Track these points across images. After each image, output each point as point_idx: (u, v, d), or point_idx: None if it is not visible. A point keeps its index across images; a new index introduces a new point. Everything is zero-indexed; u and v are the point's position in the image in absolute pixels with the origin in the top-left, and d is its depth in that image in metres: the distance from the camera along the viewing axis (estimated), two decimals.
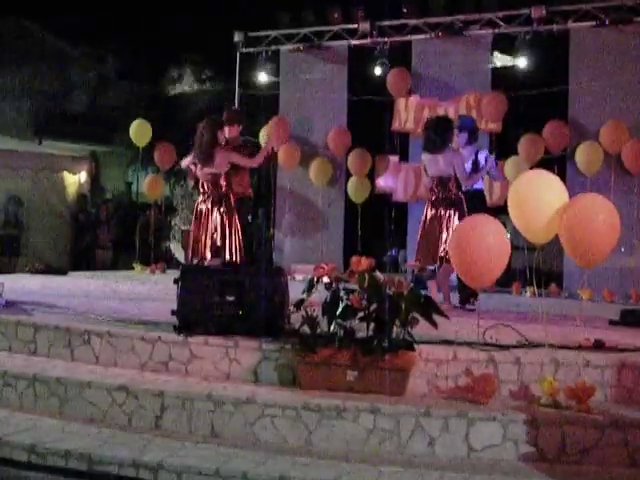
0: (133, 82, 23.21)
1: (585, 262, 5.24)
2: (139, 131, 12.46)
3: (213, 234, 7.59)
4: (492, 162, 7.96)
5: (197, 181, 7.89)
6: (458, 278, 6.71)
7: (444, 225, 7.33)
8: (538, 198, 5.21)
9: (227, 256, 7.56)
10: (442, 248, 7.25)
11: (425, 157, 7.55)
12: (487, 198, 10.50)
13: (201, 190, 7.76)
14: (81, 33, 21.82)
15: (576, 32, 10.60)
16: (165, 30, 20.90)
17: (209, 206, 7.64)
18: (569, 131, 10.40)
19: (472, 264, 5.46)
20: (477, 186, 7.92)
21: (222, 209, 7.60)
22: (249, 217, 9.02)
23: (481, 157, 7.97)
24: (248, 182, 8.54)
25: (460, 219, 7.18)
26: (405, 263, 11.85)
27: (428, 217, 7.50)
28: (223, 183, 7.65)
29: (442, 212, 7.37)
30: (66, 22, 21.38)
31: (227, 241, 7.57)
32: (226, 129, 7.96)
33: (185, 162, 7.96)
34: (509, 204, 5.38)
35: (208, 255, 7.60)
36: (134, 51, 21.58)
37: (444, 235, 7.28)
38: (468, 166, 7.73)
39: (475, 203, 7.56)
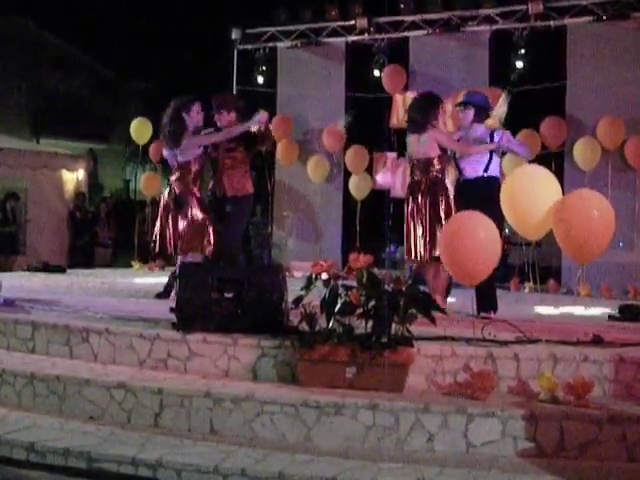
0: (131, 80, 23.21)
1: (580, 258, 5.22)
2: (140, 129, 12.46)
3: (184, 230, 6.86)
4: (506, 137, 6.99)
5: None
6: (477, 287, 5.87)
7: (425, 215, 6.65)
8: (530, 193, 5.19)
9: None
10: (424, 242, 6.61)
11: (408, 140, 6.99)
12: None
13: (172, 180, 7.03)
14: (79, 32, 21.85)
15: (573, 28, 10.62)
16: (163, 27, 20.91)
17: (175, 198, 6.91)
18: (566, 127, 10.41)
19: (462, 262, 5.36)
20: (493, 173, 6.90)
21: (193, 205, 6.87)
22: (249, 219, 8.07)
23: (497, 138, 6.98)
24: (245, 177, 7.25)
25: (438, 207, 6.59)
26: (404, 259, 11.86)
27: (409, 208, 6.82)
28: (191, 176, 6.87)
29: (421, 200, 6.70)
30: (64, 21, 21.40)
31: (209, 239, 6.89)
32: (216, 117, 7.17)
33: (164, 152, 7.22)
34: (502, 199, 5.37)
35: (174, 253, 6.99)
36: (132, 49, 21.61)
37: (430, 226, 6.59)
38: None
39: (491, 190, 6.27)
